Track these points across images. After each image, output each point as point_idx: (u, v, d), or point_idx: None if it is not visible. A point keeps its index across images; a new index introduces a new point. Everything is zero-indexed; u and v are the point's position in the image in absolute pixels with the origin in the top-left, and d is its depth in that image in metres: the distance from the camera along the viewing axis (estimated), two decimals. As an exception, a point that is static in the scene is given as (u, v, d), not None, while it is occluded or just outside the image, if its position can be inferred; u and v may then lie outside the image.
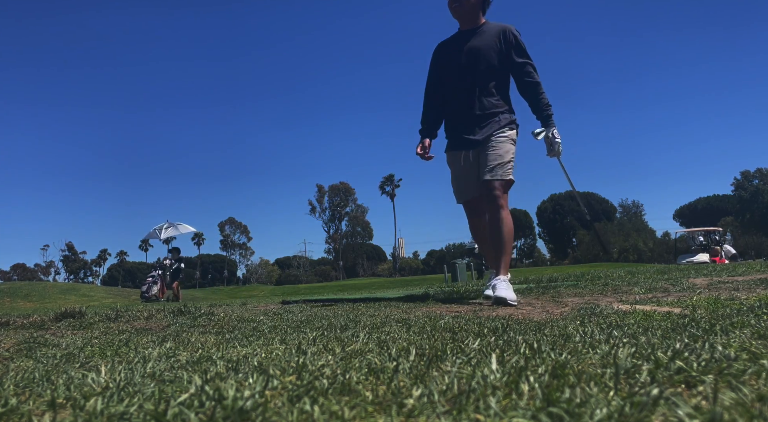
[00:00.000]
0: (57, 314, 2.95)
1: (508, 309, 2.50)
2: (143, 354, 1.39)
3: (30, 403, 0.85)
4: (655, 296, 2.79)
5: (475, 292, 3.64)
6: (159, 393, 0.83)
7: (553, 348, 1.10)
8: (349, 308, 3.02)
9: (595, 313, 2.00)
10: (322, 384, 0.84)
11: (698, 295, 2.64)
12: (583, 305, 2.43)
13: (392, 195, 75.67)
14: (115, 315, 2.86)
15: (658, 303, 2.41)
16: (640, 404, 0.66)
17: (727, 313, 1.71)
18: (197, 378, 0.90)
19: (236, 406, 0.72)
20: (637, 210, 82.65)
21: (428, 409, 0.70)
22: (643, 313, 1.87)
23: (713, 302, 2.19)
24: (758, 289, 2.84)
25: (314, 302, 4.01)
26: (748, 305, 1.92)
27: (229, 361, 1.16)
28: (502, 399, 0.73)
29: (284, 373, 0.93)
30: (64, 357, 1.46)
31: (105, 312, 3.16)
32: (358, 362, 1.04)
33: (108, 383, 0.95)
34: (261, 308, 3.49)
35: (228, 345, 1.54)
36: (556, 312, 2.26)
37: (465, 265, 18.05)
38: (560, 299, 2.92)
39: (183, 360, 1.23)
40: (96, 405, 0.77)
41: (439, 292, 3.94)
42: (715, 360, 0.89)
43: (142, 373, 1.05)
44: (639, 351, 1.00)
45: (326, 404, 0.73)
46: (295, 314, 2.70)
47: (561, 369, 0.85)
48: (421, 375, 0.89)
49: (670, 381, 0.81)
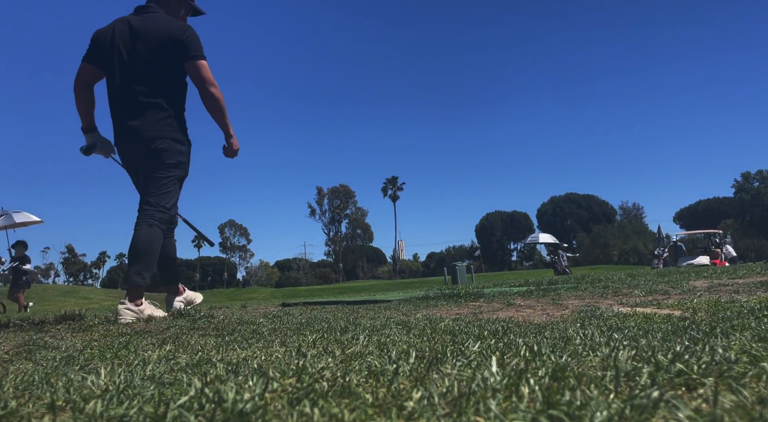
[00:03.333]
0: (57, 316, 2.95)
1: (509, 312, 2.50)
2: (143, 357, 1.39)
3: (30, 406, 0.84)
4: (655, 298, 2.78)
5: (476, 295, 3.64)
6: (159, 395, 0.83)
7: (554, 351, 1.09)
8: (349, 310, 3.02)
9: (595, 316, 1.99)
10: (322, 386, 0.83)
11: (698, 298, 2.64)
12: (584, 307, 2.43)
13: (395, 197, 75.71)
14: (115, 318, 2.86)
15: (658, 305, 2.41)
16: (640, 406, 0.66)
17: (728, 316, 1.70)
18: (197, 380, 0.90)
19: (236, 409, 0.72)
20: (638, 212, 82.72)
21: (428, 412, 0.70)
22: (644, 316, 1.87)
23: (713, 304, 2.19)
24: (758, 292, 2.84)
25: (314, 304, 4.00)
26: (748, 308, 1.92)
27: (229, 364, 1.16)
28: (503, 401, 0.73)
29: (284, 376, 0.93)
30: (64, 359, 1.46)
31: (104, 314, 3.16)
32: (358, 364, 1.04)
33: (108, 385, 0.94)
34: (261, 310, 3.49)
35: (228, 348, 1.53)
36: (556, 314, 2.26)
37: (465, 267, 18.04)
38: (560, 301, 2.92)
39: (183, 363, 1.23)
40: (96, 407, 0.77)
41: (439, 295, 3.94)
42: (716, 363, 0.89)
43: (142, 376, 1.05)
44: (639, 354, 1.00)
45: (326, 406, 0.73)
46: (294, 316, 2.70)
47: (561, 371, 0.85)
48: (421, 377, 0.89)
49: (670, 383, 0.81)
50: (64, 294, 27.47)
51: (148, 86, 2.94)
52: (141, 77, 2.94)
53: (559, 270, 20.64)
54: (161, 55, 2.94)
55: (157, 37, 2.93)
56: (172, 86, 3.01)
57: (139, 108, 2.94)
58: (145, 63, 2.94)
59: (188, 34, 2.96)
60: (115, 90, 2.99)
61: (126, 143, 3.02)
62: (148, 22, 2.98)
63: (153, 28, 2.95)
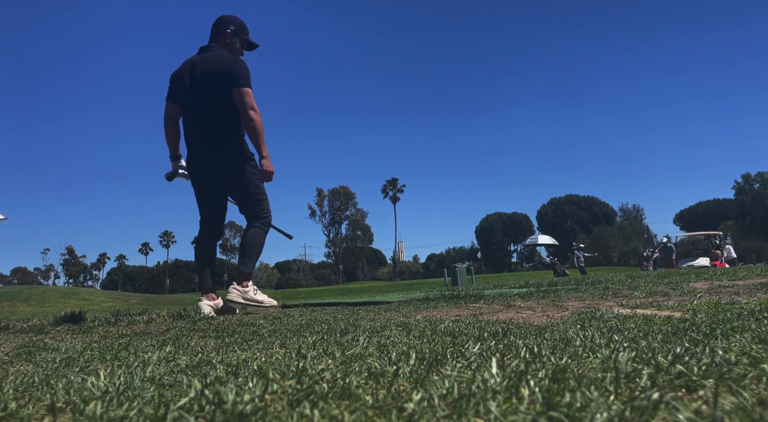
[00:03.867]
0: (56, 318, 2.95)
1: (509, 314, 2.50)
2: (143, 358, 1.39)
3: (29, 407, 0.84)
4: (655, 300, 2.78)
5: (476, 296, 3.64)
6: (159, 397, 0.83)
7: (554, 352, 1.09)
8: (349, 312, 3.02)
9: (595, 317, 1.99)
10: (322, 388, 0.83)
11: (699, 299, 2.63)
12: (584, 309, 2.43)
13: (395, 199, 75.70)
14: (115, 319, 2.86)
15: (658, 307, 2.41)
16: (640, 408, 0.66)
17: (728, 317, 1.70)
18: (197, 382, 0.90)
19: (236, 410, 0.72)
20: (638, 214, 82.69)
21: (428, 413, 0.70)
22: (644, 317, 1.87)
23: (714, 306, 2.19)
24: (759, 293, 2.84)
25: (314, 306, 4.00)
26: (748, 309, 1.92)
27: (229, 365, 1.16)
28: (503, 403, 0.73)
29: (284, 377, 0.93)
30: (64, 361, 1.46)
31: (104, 316, 3.16)
32: (358, 366, 1.03)
33: (107, 387, 0.94)
34: (260, 312, 3.49)
35: (227, 349, 1.53)
36: (556, 316, 2.26)
37: (465, 269, 18.03)
38: (560, 303, 2.91)
39: (182, 364, 1.23)
40: (95, 409, 0.77)
41: (439, 296, 3.94)
42: (716, 365, 0.89)
43: (142, 377, 1.05)
44: (639, 356, 1.00)
45: (326, 408, 0.73)
46: (294, 318, 2.70)
47: (561, 373, 0.85)
48: (421, 379, 0.89)
49: (670, 385, 0.81)
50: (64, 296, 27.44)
51: (214, 113, 3.41)
52: (208, 106, 3.41)
53: (559, 271, 20.63)
54: (219, 84, 3.39)
55: (214, 70, 3.41)
56: (234, 110, 3.41)
57: (210, 134, 3.43)
58: (208, 94, 3.40)
59: (237, 65, 3.41)
60: (189, 120, 3.50)
61: (201, 166, 3.49)
62: (208, 59, 3.47)
63: (211, 64, 3.44)
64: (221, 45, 3.57)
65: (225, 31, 3.59)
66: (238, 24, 3.64)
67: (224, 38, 3.59)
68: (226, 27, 3.60)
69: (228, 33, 3.59)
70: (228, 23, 3.61)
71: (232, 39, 3.60)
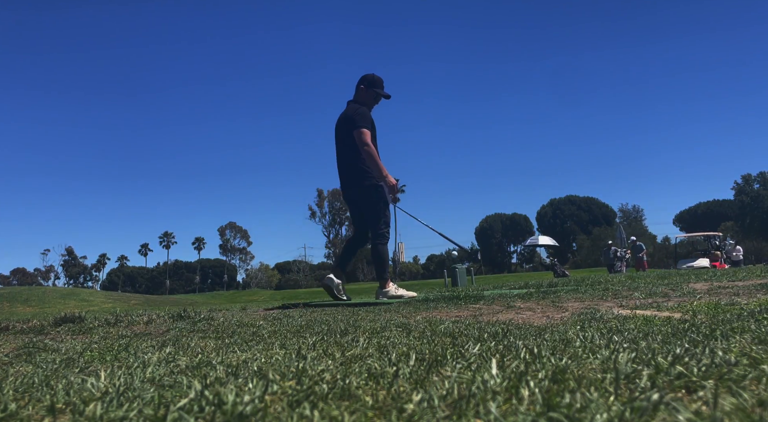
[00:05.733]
0: (56, 319, 2.95)
1: (509, 315, 2.50)
2: (143, 359, 1.39)
3: (29, 408, 0.84)
4: (655, 301, 2.78)
5: (476, 297, 3.63)
6: (158, 398, 0.83)
7: (554, 353, 1.09)
8: (349, 313, 3.02)
9: (595, 318, 1.99)
10: (321, 388, 0.83)
11: (698, 300, 2.63)
12: (584, 310, 2.43)
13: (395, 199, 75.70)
14: (115, 320, 2.86)
15: (658, 308, 2.41)
16: (640, 409, 0.66)
17: (728, 318, 1.70)
18: (197, 383, 0.90)
19: (236, 411, 0.72)
20: (637, 215, 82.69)
21: (428, 414, 0.70)
22: (644, 318, 1.87)
23: (713, 307, 2.19)
24: (758, 294, 2.84)
25: (314, 306, 4.00)
26: (748, 310, 1.92)
27: (229, 366, 1.16)
28: (503, 404, 0.73)
29: (284, 378, 0.93)
30: (64, 362, 1.46)
31: (104, 316, 3.15)
32: (358, 367, 1.03)
33: (107, 388, 0.94)
34: (261, 313, 3.49)
35: (228, 350, 1.53)
36: (556, 316, 2.26)
37: (465, 270, 18.03)
38: (560, 304, 2.91)
39: (182, 365, 1.23)
40: (95, 410, 0.77)
41: (439, 297, 3.94)
42: (716, 365, 0.89)
43: (142, 378, 1.05)
44: (639, 356, 1.00)
45: (326, 409, 0.73)
46: (294, 319, 2.70)
47: (561, 374, 0.85)
48: (421, 380, 0.89)
49: (670, 386, 0.81)
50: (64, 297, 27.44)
51: (351, 151, 4.48)
52: (347, 145, 4.51)
53: (559, 272, 20.55)
54: (349, 128, 4.46)
55: (345, 117, 4.53)
56: (356, 147, 4.42)
57: (349, 167, 4.54)
58: (345, 136, 4.50)
59: (356, 112, 4.44)
60: (340, 156, 4.61)
61: (347, 191, 4.65)
62: (345, 110, 4.62)
63: (345, 113, 4.58)
64: (356, 98, 4.63)
65: (359, 87, 4.63)
66: (370, 80, 4.64)
67: (359, 93, 4.63)
68: (360, 84, 4.64)
69: (361, 89, 4.62)
70: (362, 80, 4.65)
71: (366, 93, 4.62)
